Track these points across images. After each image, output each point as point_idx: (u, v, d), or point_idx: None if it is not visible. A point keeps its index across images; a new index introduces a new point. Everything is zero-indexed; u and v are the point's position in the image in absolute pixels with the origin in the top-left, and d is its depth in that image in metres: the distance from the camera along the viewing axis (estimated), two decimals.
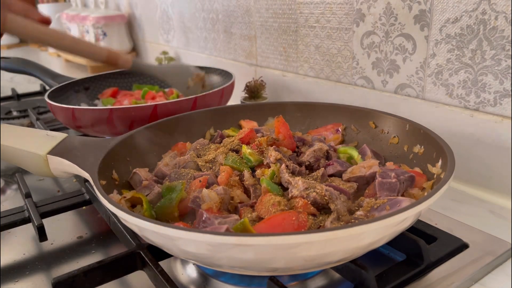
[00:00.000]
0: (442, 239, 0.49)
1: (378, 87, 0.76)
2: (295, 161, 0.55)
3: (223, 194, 0.47)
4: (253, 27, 1.02)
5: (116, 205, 0.39)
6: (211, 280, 0.47)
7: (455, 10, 0.61)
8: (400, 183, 0.47)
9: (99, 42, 1.62)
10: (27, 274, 0.50)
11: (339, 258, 0.37)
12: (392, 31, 0.71)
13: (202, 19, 1.23)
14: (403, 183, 0.47)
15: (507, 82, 0.57)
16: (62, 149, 0.54)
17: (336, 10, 0.80)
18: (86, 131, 0.77)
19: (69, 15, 1.76)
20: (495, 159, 0.60)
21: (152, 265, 0.44)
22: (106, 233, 0.58)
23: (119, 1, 1.75)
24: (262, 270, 0.38)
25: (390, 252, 0.50)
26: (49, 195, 0.70)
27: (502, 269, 0.47)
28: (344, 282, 0.45)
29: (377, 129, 0.61)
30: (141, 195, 0.48)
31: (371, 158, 0.55)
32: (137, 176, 0.54)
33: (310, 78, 0.90)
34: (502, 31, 0.56)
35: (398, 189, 0.47)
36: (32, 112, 1.07)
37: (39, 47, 2.36)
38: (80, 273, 0.43)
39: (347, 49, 0.80)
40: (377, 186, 0.48)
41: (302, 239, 0.32)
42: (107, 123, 0.73)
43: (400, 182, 0.47)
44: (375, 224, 0.34)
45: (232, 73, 0.91)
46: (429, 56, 0.66)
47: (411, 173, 0.48)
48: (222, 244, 0.33)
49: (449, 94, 0.65)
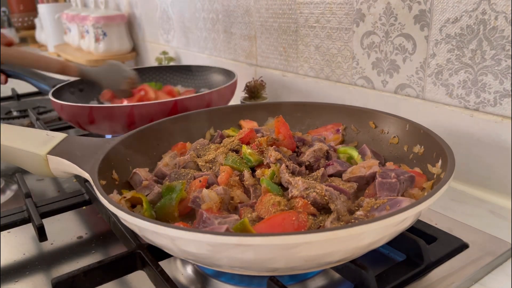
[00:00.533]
0: (442, 239, 0.49)
1: (378, 87, 0.76)
2: (295, 161, 0.55)
3: (223, 194, 0.47)
4: (253, 27, 1.02)
5: (116, 205, 0.39)
6: (211, 280, 0.47)
7: (455, 10, 0.61)
8: (400, 183, 0.47)
9: (99, 42, 1.62)
10: (27, 274, 0.50)
11: (339, 258, 0.37)
12: (392, 31, 0.71)
13: (202, 19, 1.23)
14: (403, 183, 0.47)
15: (507, 82, 0.57)
16: (62, 148, 0.54)
17: (336, 10, 0.80)
18: (100, 130, 0.78)
19: (69, 15, 1.76)
20: (495, 159, 0.60)
21: (152, 265, 0.44)
22: (106, 233, 0.58)
23: (119, 1, 1.75)
24: (262, 270, 0.38)
25: (390, 252, 0.50)
26: (49, 195, 0.70)
27: (502, 269, 0.47)
28: (344, 282, 0.45)
29: (377, 129, 0.61)
30: (141, 195, 0.48)
31: (371, 158, 0.55)
32: (137, 176, 0.54)
33: (310, 78, 0.90)
34: (502, 31, 0.56)
35: (398, 189, 0.47)
36: (32, 112, 1.07)
37: (39, 47, 2.36)
38: (80, 273, 0.43)
39: (347, 49, 0.80)
40: (377, 186, 0.48)
41: (302, 239, 0.32)
42: (127, 119, 0.73)
43: (400, 182, 0.47)
44: (375, 224, 0.34)
45: (235, 73, 0.92)
46: (429, 56, 0.66)
47: (411, 173, 0.48)
48: (222, 244, 0.33)
49: (449, 94, 0.65)
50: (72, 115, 0.77)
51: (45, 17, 2.03)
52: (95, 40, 1.62)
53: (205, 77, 1.07)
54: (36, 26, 2.36)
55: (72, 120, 0.79)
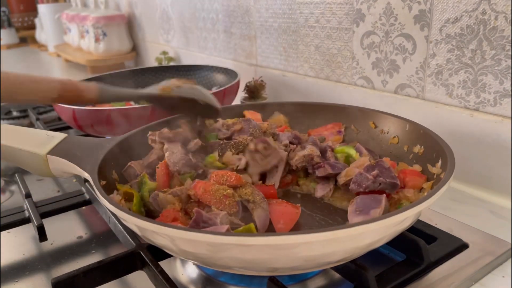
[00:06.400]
0: (442, 239, 0.49)
1: (378, 87, 0.76)
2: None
3: (180, 194, 0.47)
4: (253, 27, 1.02)
5: (116, 205, 0.39)
6: (211, 280, 0.47)
7: (455, 10, 0.61)
8: (375, 183, 0.48)
9: (99, 42, 1.62)
10: (27, 274, 0.50)
11: (339, 258, 0.37)
12: (392, 31, 0.71)
13: (202, 19, 1.23)
14: (380, 184, 0.48)
15: (507, 82, 0.57)
16: (62, 148, 0.54)
17: (336, 10, 0.80)
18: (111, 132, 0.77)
19: (69, 15, 1.76)
20: (495, 159, 0.60)
21: (152, 265, 0.44)
22: (106, 233, 0.58)
23: (119, 1, 1.75)
24: (262, 270, 0.38)
25: (390, 252, 0.50)
26: (49, 195, 0.70)
27: (502, 269, 0.47)
28: (344, 282, 0.45)
29: (377, 129, 0.61)
30: (133, 190, 0.49)
31: (367, 155, 0.55)
32: (132, 169, 0.54)
33: (310, 78, 0.90)
34: (502, 31, 0.56)
35: (366, 186, 0.48)
36: (32, 112, 1.07)
37: (39, 47, 2.36)
38: (80, 273, 0.43)
39: (347, 49, 0.80)
40: (353, 177, 0.50)
41: (302, 239, 0.32)
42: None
43: (376, 182, 0.47)
44: (375, 224, 0.34)
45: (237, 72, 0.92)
46: (429, 56, 0.66)
47: (395, 182, 0.48)
48: (222, 244, 0.33)
49: (449, 94, 0.65)
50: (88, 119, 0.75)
51: (45, 17, 2.03)
52: (95, 40, 1.62)
53: (206, 77, 1.07)
54: (36, 26, 2.37)
55: (85, 125, 0.77)
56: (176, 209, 0.45)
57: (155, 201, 0.47)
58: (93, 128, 0.75)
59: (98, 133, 0.77)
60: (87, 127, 0.76)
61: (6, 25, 2.54)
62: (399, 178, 0.49)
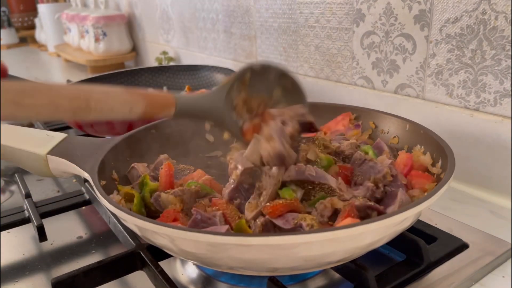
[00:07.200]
0: (442, 239, 0.49)
1: (378, 87, 0.76)
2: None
3: (181, 194, 0.47)
4: (253, 27, 1.02)
5: (116, 205, 0.39)
6: (211, 280, 0.47)
7: (455, 10, 0.61)
8: (378, 188, 0.45)
9: (99, 42, 1.62)
10: (27, 274, 0.50)
11: (339, 258, 0.37)
12: (392, 31, 0.71)
13: (202, 19, 1.23)
14: (384, 191, 0.45)
15: (507, 82, 0.57)
16: (62, 149, 0.54)
17: (336, 10, 0.80)
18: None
19: (69, 15, 1.76)
20: (495, 159, 0.60)
21: (152, 265, 0.44)
22: (106, 233, 0.58)
23: (119, 1, 1.75)
24: (262, 270, 0.38)
25: (390, 252, 0.50)
26: (49, 195, 0.70)
27: (502, 269, 0.47)
28: (344, 282, 0.45)
29: (377, 129, 0.61)
30: (134, 191, 0.49)
31: (389, 154, 0.53)
32: (135, 170, 0.54)
33: (310, 78, 0.90)
34: (502, 31, 0.56)
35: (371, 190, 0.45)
36: None
37: (39, 47, 2.36)
38: (80, 273, 0.43)
39: (347, 49, 0.80)
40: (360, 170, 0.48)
41: (302, 239, 0.32)
42: None
43: (378, 188, 0.45)
44: (375, 224, 0.34)
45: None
46: (429, 56, 0.66)
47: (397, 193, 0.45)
48: (222, 244, 0.33)
49: (449, 94, 0.65)
50: None
51: (45, 17, 2.03)
52: (95, 40, 1.62)
53: (206, 77, 1.07)
54: (36, 26, 2.36)
55: (85, 125, 0.76)
56: (177, 210, 0.45)
57: (157, 201, 0.47)
58: (93, 128, 0.75)
59: (98, 133, 0.77)
60: (87, 127, 0.76)
61: (6, 25, 2.54)
62: (407, 180, 0.48)
